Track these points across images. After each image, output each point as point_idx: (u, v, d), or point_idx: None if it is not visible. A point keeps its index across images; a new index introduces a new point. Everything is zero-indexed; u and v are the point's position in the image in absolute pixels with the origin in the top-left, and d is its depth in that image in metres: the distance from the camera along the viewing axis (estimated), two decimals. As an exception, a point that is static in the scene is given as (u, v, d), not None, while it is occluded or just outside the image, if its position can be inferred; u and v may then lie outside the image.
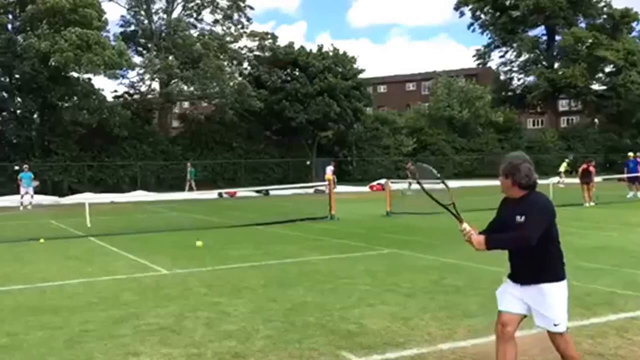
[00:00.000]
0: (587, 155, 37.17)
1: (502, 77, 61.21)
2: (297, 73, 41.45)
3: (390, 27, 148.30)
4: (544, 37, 57.62)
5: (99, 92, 36.83)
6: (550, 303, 3.98)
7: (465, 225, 4.11)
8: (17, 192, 26.43)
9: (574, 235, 12.52)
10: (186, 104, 53.92)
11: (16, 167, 31.62)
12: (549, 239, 3.96)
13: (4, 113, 34.85)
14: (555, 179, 31.69)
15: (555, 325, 4.00)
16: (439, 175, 4.35)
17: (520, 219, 3.91)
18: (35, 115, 35.97)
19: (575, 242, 11.59)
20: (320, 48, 43.61)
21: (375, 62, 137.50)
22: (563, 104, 70.07)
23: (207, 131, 41.26)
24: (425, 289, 7.54)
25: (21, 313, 6.74)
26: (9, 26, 35.03)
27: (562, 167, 36.75)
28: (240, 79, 41.56)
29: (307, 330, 5.76)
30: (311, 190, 32.16)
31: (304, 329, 5.83)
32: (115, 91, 42.77)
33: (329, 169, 32.90)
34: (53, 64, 31.80)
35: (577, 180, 22.98)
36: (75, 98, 36.12)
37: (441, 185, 4.35)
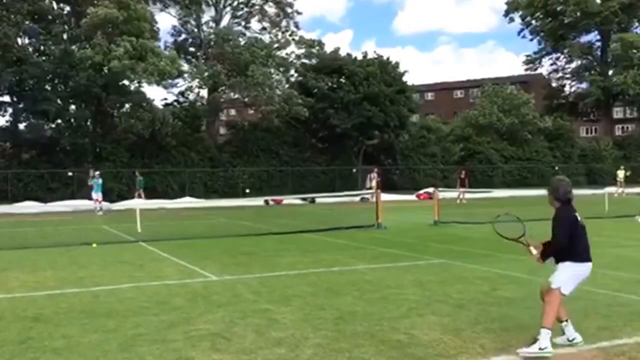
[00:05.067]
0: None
1: (553, 84, 59.81)
2: (342, 80, 41.49)
3: (436, 34, 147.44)
4: (598, 43, 56.10)
5: (150, 101, 37.64)
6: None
7: (534, 252, 5.41)
8: (72, 197, 27.50)
9: (630, 248, 12.08)
10: (233, 111, 54.56)
11: (70, 174, 32.62)
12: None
13: (59, 121, 35.84)
14: (612, 189, 30.51)
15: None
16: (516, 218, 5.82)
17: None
18: (88, 123, 36.91)
19: (632, 255, 11.19)
20: (365, 55, 43.65)
21: (421, 70, 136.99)
22: (618, 112, 68.00)
23: (254, 138, 41.61)
24: (476, 300, 7.39)
25: (76, 316, 6.89)
26: (64, 36, 36.07)
27: (621, 175, 34.68)
28: (287, 86, 41.80)
29: (357, 340, 5.71)
30: (357, 199, 32.03)
31: (353, 338, 5.78)
32: (165, 99, 43.67)
33: (372, 177, 32.46)
34: (106, 71, 32.60)
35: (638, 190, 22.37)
36: (127, 106, 37.01)
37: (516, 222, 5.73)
